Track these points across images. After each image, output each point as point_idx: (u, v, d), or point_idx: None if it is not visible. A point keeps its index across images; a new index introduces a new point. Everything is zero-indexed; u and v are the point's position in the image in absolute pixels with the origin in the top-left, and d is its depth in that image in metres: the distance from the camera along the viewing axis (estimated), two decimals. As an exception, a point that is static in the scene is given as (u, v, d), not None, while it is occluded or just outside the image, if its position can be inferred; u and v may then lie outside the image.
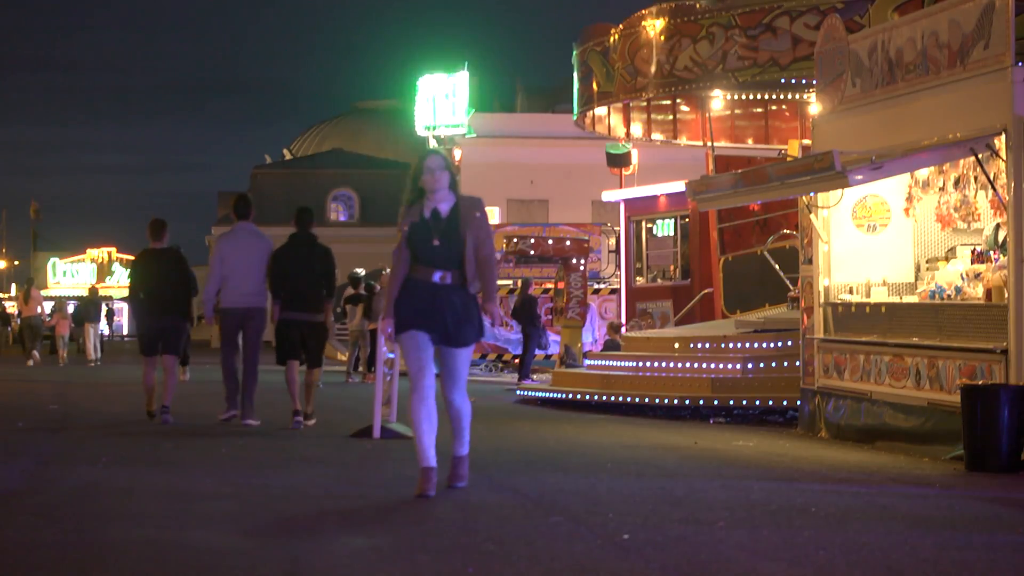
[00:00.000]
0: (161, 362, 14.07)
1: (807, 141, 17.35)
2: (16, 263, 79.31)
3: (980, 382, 10.75)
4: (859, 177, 11.46)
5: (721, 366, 15.75)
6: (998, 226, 11.45)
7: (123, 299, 74.76)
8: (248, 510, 7.82)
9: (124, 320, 76.32)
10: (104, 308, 40.89)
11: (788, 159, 18.26)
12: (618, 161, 29.72)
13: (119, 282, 77.42)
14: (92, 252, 79.62)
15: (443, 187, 8.43)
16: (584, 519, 7.46)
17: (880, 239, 13.20)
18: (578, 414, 16.29)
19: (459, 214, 8.39)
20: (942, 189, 12.39)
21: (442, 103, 37.75)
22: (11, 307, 51.19)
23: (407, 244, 8.43)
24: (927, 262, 12.89)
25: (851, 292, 13.15)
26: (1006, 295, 10.74)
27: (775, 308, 17.87)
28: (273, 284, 13.35)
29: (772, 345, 15.65)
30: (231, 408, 13.60)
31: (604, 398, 16.84)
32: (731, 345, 16.18)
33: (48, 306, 37.19)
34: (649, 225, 25.56)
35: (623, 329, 22.48)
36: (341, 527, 7.13)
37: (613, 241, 28.84)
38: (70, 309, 36.39)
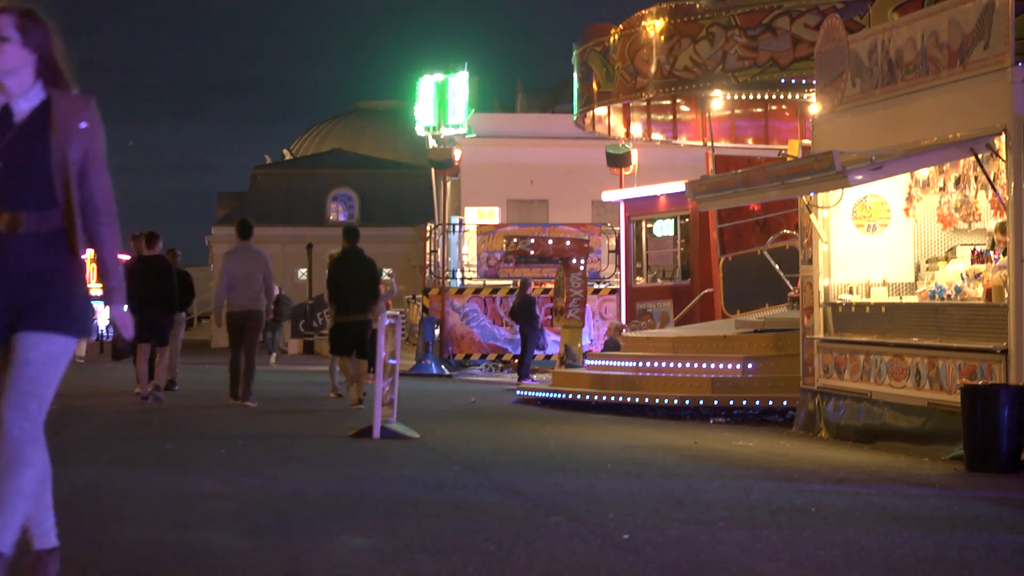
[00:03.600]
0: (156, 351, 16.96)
1: (807, 141, 17.36)
2: (16, 263, 79.22)
3: (980, 382, 10.75)
4: (859, 177, 11.46)
5: (721, 366, 15.75)
6: (1004, 224, 11.46)
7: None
8: (248, 510, 7.81)
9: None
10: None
11: (788, 159, 18.26)
12: (618, 161, 29.69)
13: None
14: (92, 252, 79.53)
15: (16, 65, 4.97)
16: (584, 519, 7.46)
17: (880, 239, 13.20)
18: (578, 414, 16.28)
19: (50, 119, 5.01)
20: (942, 189, 12.39)
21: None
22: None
23: None
24: (927, 262, 12.89)
25: (851, 292, 13.15)
26: (1006, 295, 10.74)
27: (775, 308, 17.86)
28: (330, 292, 16.22)
29: (772, 345, 15.65)
30: (233, 392, 16.24)
31: (604, 398, 16.83)
32: (731, 345, 16.18)
33: None
34: (649, 225, 25.56)
35: (623, 331, 22.46)
36: (341, 527, 7.13)
37: (613, 241, 28.82)
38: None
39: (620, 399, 16.56)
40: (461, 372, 27.75)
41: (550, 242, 23.91)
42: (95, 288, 5.40)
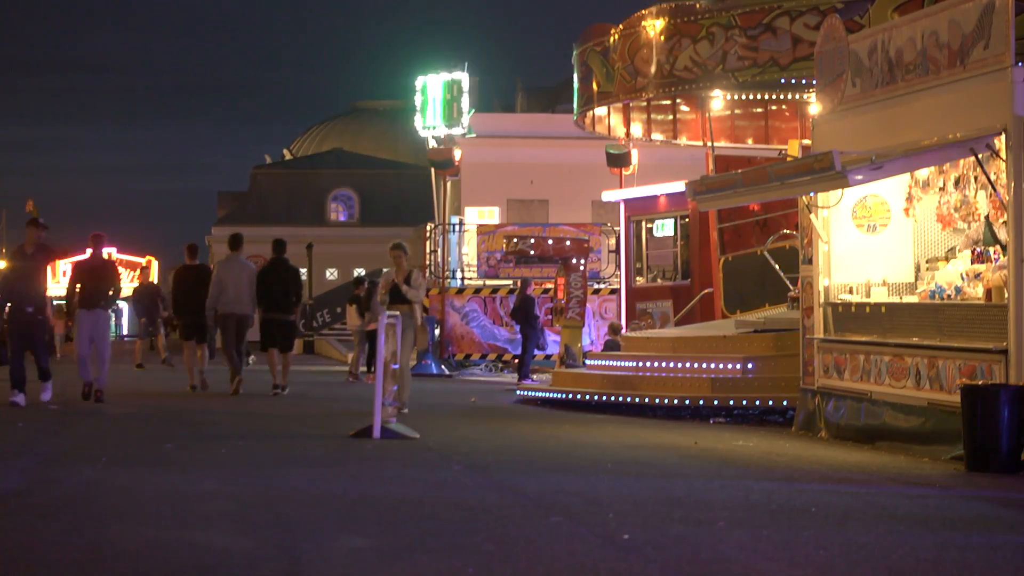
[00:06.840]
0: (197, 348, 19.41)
1: (807, 141, 17.36)
2: (16, 263, 79.16)
3: (980, 382, 10.75)
4: (859, 177, 11.47)
5: (721, 366, 15.75)
6: (988, 221, 11.48)
7: (125, 299, 74.75)
8: (248, 510, 7.82)
9: (124, 321, 76.18)
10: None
11: (788, 159, 18.26)
12: (618, 161, 29.66)
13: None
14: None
15: None
16: (584, 519, 7.46)
17: (880, 239, 13.20)
18: (578, 414, 16.29)
19: None
20: (942, 189, 12.40)
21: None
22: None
23: None
24: (927, 262, 12.89)
25: (851, 292, 13.15)
26: (1006, 295, 10.75)
27: (775, 308, 17.86)
28: (257, 295, 18.48)
29: (772, 345, 15.65)
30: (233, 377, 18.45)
31: (604, 398, 16.83)
32: (731, 345, 16.18)
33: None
34: (649, 225, 25.55)
35: (623, 331, 22.46)
36: (341, 527, 7.13)
37: (613, 241, 28.80)
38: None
39: (620, 399, 16.56)
40: (461, 372, 27.75)
41: (550, 242, 23.88)
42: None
